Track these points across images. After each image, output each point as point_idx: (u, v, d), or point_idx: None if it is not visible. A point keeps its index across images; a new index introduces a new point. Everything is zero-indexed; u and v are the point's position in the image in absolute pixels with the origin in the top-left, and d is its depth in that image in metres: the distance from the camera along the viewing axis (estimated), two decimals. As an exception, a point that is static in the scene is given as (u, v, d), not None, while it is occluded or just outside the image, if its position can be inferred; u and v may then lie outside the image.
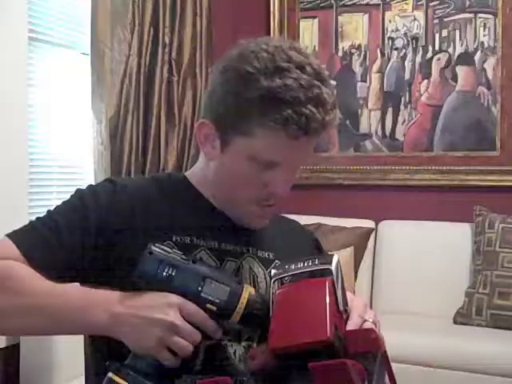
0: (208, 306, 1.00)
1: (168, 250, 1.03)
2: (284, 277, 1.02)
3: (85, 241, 1.13)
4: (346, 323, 1.01)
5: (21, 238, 1.13)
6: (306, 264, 1.02)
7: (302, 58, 1.11)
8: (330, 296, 0.96)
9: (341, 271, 1.02)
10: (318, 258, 1.03)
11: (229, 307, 1.00)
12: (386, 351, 0.99)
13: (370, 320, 1.05)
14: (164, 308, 0.98)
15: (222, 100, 1.14)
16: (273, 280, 1.03)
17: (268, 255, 1.24)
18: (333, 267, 0.99)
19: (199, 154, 1.26)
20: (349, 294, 1.04)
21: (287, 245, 1.28)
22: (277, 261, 1.23)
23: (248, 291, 1.02)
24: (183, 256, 1.03)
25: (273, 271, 1.05)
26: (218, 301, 1.00)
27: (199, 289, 1.00)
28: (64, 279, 1.08)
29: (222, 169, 1.17)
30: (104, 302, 1.02)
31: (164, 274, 1.00)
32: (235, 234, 1.21)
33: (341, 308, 0.99)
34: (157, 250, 1.01)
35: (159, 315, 0.98)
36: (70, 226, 1.14)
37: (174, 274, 1.00)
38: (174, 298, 1.00)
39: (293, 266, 1.03)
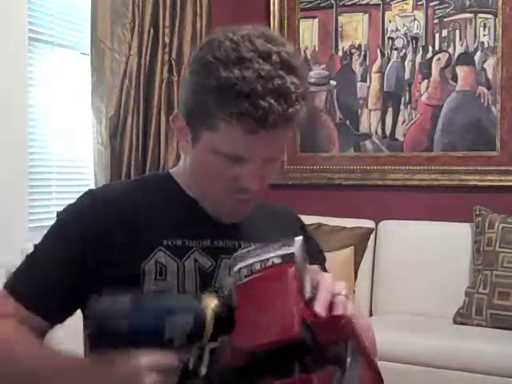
0: (177, 344, 0.95)
1: (113, 298, 0.96)
2: (244, 266, 0.94)
3: (71, 270, 1.11)
4: (313, 304, 0.92)
5: (12, 285, 1.12)
6: (266, 250, 0.94)
7: (269, 46, 1.03)
8: (293, 286, 0.89)
9: (305, 250, 0.94)
10: (279, 242, 0.95)
11: (198, 333, 0.95)
12: (359, 335, 0.93)
13: (343, 293, 0.95)
14: (137, 373, 0.92)
15: (187, 91, 1.10)
16: (233, 271, 0.95)
17: None
18: (295, 249, 0.92)
19: None
20: (315, 267, 0.99)
21: (276, 233, 1.22)
22: None
23: (210, 307, 0.95)
24: (131, 296, 0.96)
25: (232, 261, 0.97)
26: (185, 335, 0.95)
27: (163, 332, 0.94)
28: (57, 313, 1.11)
29: (195, 163, 1.14)
30: (81, 376, 0.98)
31: (122, 330, 0.93)
32: (224, 229, 1.17)
33: (306, 295, 0.92)
34: (103, 306, 0.94)
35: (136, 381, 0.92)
36: (55, 259, 1.12)
37: (128, 326, 0.93)
38: (142, 358, 0.93)
39: (253, 254, 0.95)
